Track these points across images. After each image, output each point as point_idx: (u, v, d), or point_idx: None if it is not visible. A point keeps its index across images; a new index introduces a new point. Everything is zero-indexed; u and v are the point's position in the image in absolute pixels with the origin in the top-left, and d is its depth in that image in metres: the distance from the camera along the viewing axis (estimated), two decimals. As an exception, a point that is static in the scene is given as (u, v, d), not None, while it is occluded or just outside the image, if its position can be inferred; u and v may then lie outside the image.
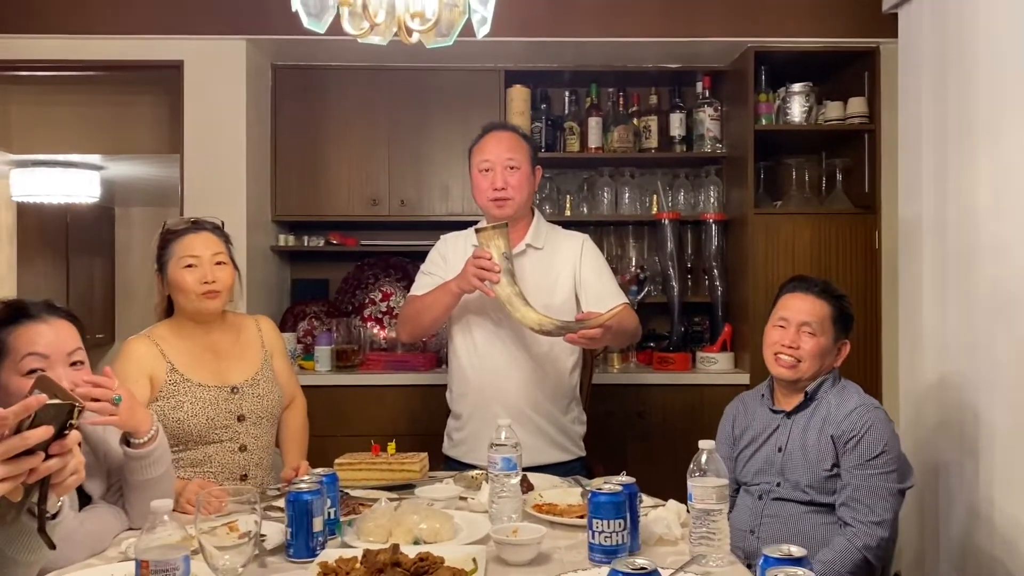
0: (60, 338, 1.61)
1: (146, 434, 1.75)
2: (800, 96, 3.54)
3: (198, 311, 2.14)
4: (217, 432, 2.10)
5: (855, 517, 1.99)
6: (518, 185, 2.37)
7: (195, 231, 2.16)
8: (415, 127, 3.79)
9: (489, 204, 2.38)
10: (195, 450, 2.09)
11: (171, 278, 2.12)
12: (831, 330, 2.14)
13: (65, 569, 1.50)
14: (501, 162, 2.37)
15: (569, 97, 3.90)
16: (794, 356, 2.13)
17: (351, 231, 3.95)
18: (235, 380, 2.16)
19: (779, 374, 2.16)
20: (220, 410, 2.11)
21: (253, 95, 3.59)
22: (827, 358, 2.14)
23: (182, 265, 2.11)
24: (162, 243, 2.16)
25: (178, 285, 2.11)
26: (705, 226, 3.72)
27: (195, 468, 2.09)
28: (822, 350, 2.12)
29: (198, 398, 2.09)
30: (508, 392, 2.38)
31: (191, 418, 2.07)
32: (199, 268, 2.11)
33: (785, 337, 2.14)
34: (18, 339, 1.59)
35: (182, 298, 2.13)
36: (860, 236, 3.45)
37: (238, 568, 1.29)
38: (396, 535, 1.61)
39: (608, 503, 1.50)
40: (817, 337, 2.12)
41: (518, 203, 2.38)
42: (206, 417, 2.08)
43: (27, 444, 1.05)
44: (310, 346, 3.74)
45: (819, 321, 2.13)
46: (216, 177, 3.50)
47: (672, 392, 3.49)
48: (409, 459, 2.12)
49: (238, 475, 2.13)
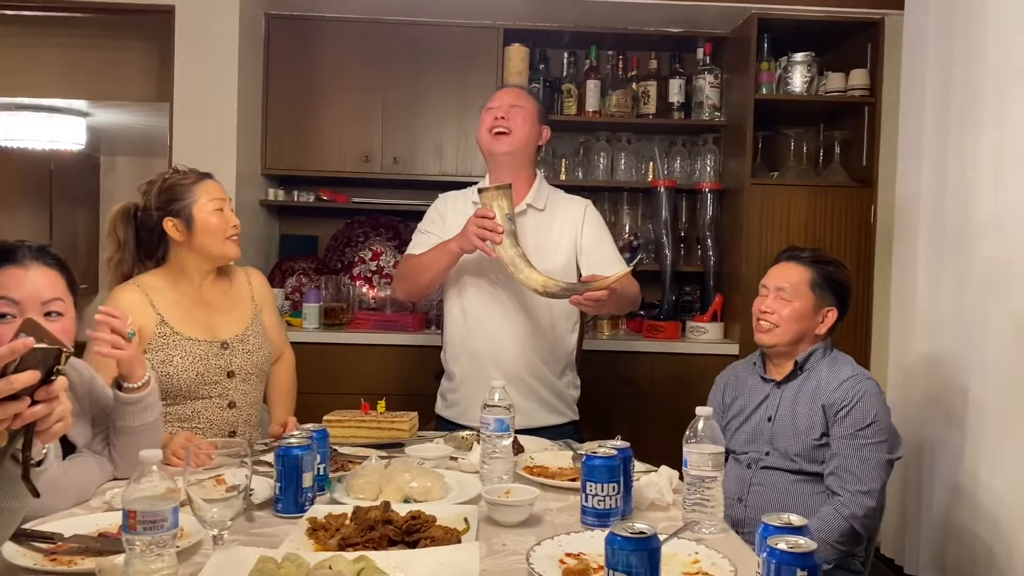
0: (38, 286, 1.55)
1: (140, 379, 1.73)
2: (802, 66, 3.50)
3: (223, 255, 2.12)
4: (206, 388, 2.07)
5: (843, 486, 1.99)
6: (520, 122, 2.35)
7: (209, 178, 2.14)
8: (410, 83, 3.72)
9: (488, 137, 2.36)
10: (183, 405, 2.06)
11: (200, 221, 2.07)
12: (808, 294, 2.13)
13: (48, 517, 1.47)
14: (507, 105, 2.37)
15: (568, 59, 3.84)
16: (770, 321, 2.14)
17: (342, 187, 3.90)
18: (225, 335, 2.12)
19: (758, 340, 2.18)
20: (210, 365, 2.07)
21: (246, 44, 3.51)
22: (805, 323, 2.13)
23: (212, 208, 2.08)
24: (172, 191, 2.09)
25: (208, 228, 2.07)
26: (700, 195, 3.69)
27: (183, 424, 2.06)
28: (797, 315, 2.12)
29: (188, 352, 2.05)
30: (503, 354, 2.36)
31: (180, 373, 2.03)
32: (226, 212, 2.10)
33: (763, 303, 2.16)
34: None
35: (206, 239, 2.08)
36: (856, 210, 3.44)
37: (226, 521, 1.27)
38: (386, 493, 1.59)
39: (602, 466, 1.48)
40: (791, 302, 2.12)
41: (518, 139, 2.35)
42: (196, 372, 2.05)
43: (13, 389, 1.02)
44: (298, 303, 3.70)
45: (793, 286, 2.13)
46: (206, 128, 3.43)
47: (661, 360, 3.49)
48: (399, 418, 2.10)
49: (226, 431, 2.11)
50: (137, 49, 4.27)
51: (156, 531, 1.11)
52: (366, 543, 1.32)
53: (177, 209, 2.08)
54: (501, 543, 1.41)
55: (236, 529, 1.37)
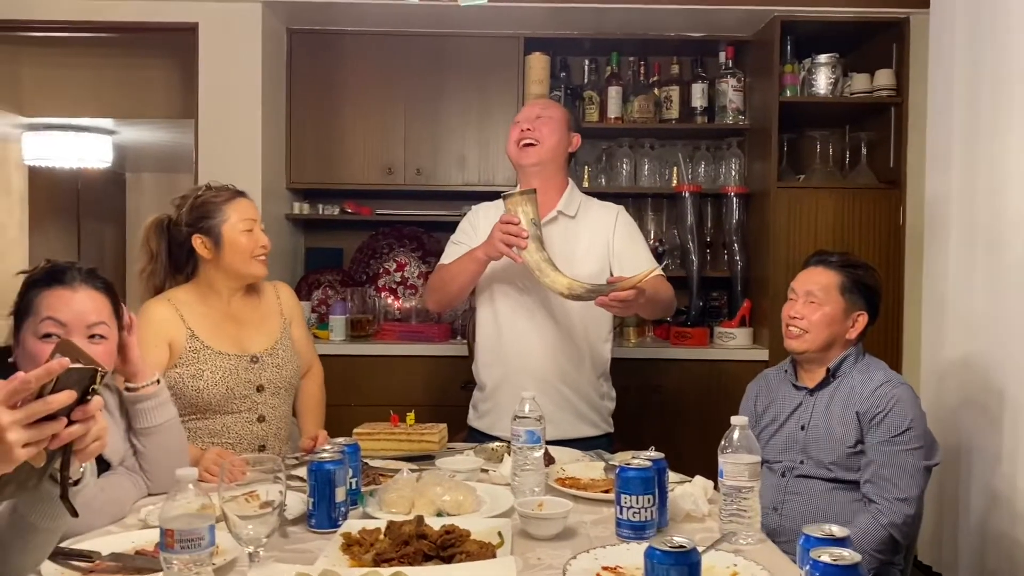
0: (84, 309, 1.58)
1: (145, 380, 1.74)
2: (826, 67, 3.47)
3: (250, 275, 2.13)
4: (236, 402, 2.08)
5: (880, 494, 1.95)
6: (547, 132, 2.34)
7: (243, 197, 2.16)
8: (432, 95, 3.73)
9: (515, 150, 2.36)
10: (213, 419, 2.07)
11: (228, 240, 2.08)
12: (838, 299, 2.10)
13: (85, 536, 1.48)
14: (533, 115, 2.37)
15: (589, 66, 3.84)
16: (800, 327, 2.10)
17: (366, 200, 3.91)
18: (255, 349, 2.13)
19: (788, 346, 2.15)
20: (240, 380, 2.08)
21: (268, 60, 3.54)
22: (836, 327, 2.10)
23: (241, 228, 2.10)
24: (203, 208, 2.11)
25: (237, 248, 2.09)
26: (726, 199, 3.67)
27: (212, 438, 2.07)
28: (827, 319, 2.08)
29: (218, 367, 2.06)
30: (534, 363, 2.34)
31: (211, 387, 2.04)
32: (255, 232, 2.12)
33: (792, 308, 2.13)
34: (43, 301, 1.57)
35: (233, 257, 2.09)
36: (884, 211, 3.40)
37: (262, 538, 1.27)
38: (419, 506, 1.58)
39: (637, 478, 1.47)
40: (822, 307, 2.09)
41: (545, 149, 2.34)
42: (226, 387, 2.06)
43: (50, 409, 1.02)
44: (324, 315, 3.71)
45: (823, 289, 2.10)
46: (231, 143, 3.46)
47: (689, 367, 3.46)
48: (428, 430, 2.10)
49: (256, 446, 2.11)
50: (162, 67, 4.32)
51: (193, 550, 1.11)
52: (401, 558, 1.31)
53: (207, 227, 2.09)
54: (536, 557, 1.40)
55: (271, 545, 1.37)
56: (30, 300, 1.57)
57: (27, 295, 1.58)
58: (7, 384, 0.99)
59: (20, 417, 0.99)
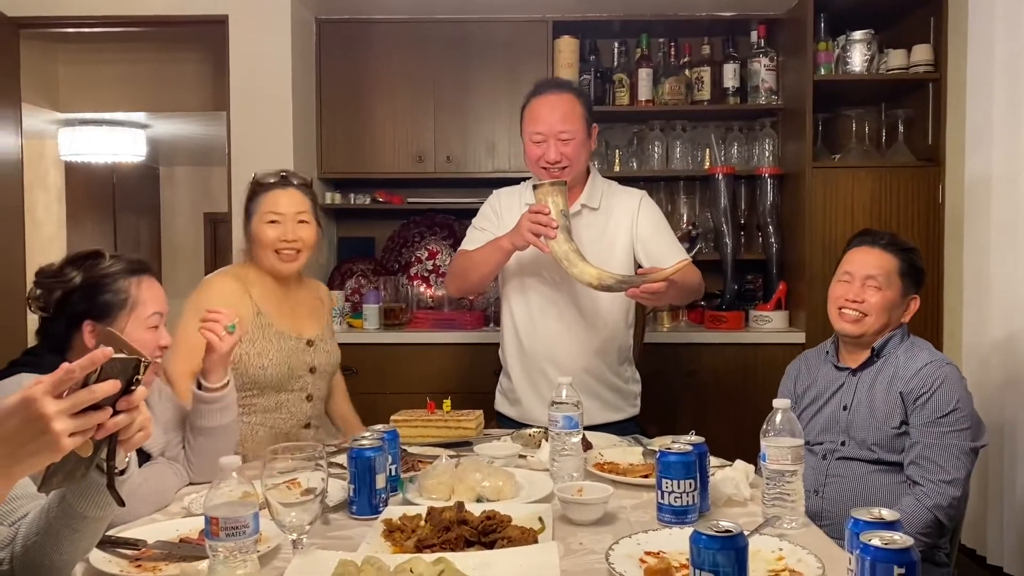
0: (163, 297, 1.71)
1: (220, 380, 1.78)
2: (861, 44, 3.40)
3: (275, 269, 2.16)
4: (292, 381, 2.15)
5: (925, 476, 1.92)
6: (573, 155, 2.26)
7: (282, 186, 2.16)
8: (461, 81, 3.72)
9: (542, 173, 2.28)
10: (270, 397, 2.13)
11: (254, 232, 2.14)
12: (898, 283, 2.06)
13: (130, 524, 1.50)
14: (554, 134, 2.24)
15: (619, 48, 3.80)
16: (859, 310, 2.05)
17: (397, 188, 3.92)
18: (308, 334, 2.20)
19: (843, 329, 2.09)
20: (298, 361, 2.15)
21: (298, 50, 3.55)
22: (894, 312, 2.06)
23: (265, 220, 2.13)
24: (251, 194, 2.17)
25: (259, 240, 2.13)
26: (760, 180, 3.62)
27: (267, 413, 2.13)
28: (888, 304, 2.05)
29: (281, 347, 2.12)
30: (560, 353, 2.34)
31: (274, 366, 2.10)
32: (281, 225, 2.12)
33: (849, 291, 2.07)
34: (144, 293, 1.66)
35: (261, 253, 2.14)
36: (922, 190, 3.33)
37: (305, 525, 1.28)
38: (458, 492, 1.58)
39: (678, 463, 1.45)
40: (883, 291, 2.04)
41: (574, 171, 2.29)
42: (287, 366, 2.12)
43: (95, 398, 1.03)
44: (358, 304, 3.73)
45: (885, 274, 2.05)
46: (263, 134, 3.47)
47: (724, 351, 3.43)
48: (465, 416, 2.10)
49: (304, 423, 2.18)
50: (193, 60, 4.35)
51: (238, 537, 1.12)
52: (443, 544, 1.31)
53: (248, 212, 2.16)
54: (578, 542, 1.40)
55: (313, 532, 1.38)
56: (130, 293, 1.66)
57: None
58: (52, 375, 1.00)
59: (66, 406, 1.00)
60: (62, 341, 1.63)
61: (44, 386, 0.99)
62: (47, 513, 1.20)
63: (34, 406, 0.98)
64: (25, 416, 0.98)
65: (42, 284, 1.64)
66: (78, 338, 1.62)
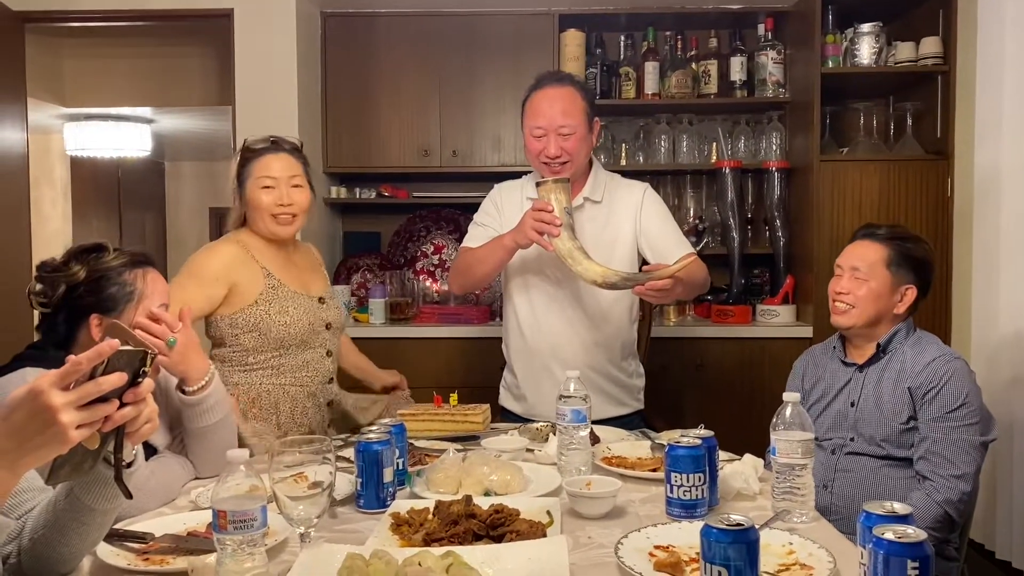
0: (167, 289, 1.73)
1: (198, 381, 1.72)
2: (869, 37, 3.38)
3: (272, 233, 2.16)
4: (313, 338, 2.18)
5: (935, 471, 1.91)
6: (574, 150, 2.23)
7: (274, 151, 2.16)
8: (466, 75, 3.71)
9: (543, 168, 2.26)
10: (295, 355, 2.15)
11: (248, 197, 2.13)
12: (884, 274, 2.04)
13: (138, 517, 1.49)
14: (554, 128, 2.21)
15: (625, 41, 3.78)
16: (846, 302, 2.06)
17: (402, 183, 3.91)
18: (317, 292, 2.23)
19: (834, 322, 2.10)
20: (315, 318, 2.18)
21: (303, 44, 3.54)
22: (882, 302, 2.04)
23: (260, 186, 2.12)
24: (242, 160, 2.16)
25: (254, 205, 2.13)
26: (767, 174, 3.60)
27: (295, 373, 2.15)
28: (873, 295, 2.03)
29: (298, 305, 2.15)
30: (566, 353, 2.32)
31: (295, 323, 2.13)
32: (276, 190, 2.12)
33: (838, 284, 2.09)
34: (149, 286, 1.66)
35: (257, 218, 2.14)
36: (931, 183, 3.31)
37: (312, 519, 1.27)
38: (466, 486, 1.58)
39: (687, 456, 1.44)
40: (868, 282, 2.03)
41: (575, 166, 2.26)
42: (307, 323, 2.15)
43: (102, 390, 1.02)
44: (364, 299, 3.73)
45: (868, 265, 2.04)
46: (268, 129, 3.34)
47: (731, 345, 3.42)
48: (472, 410, 2.09)
49: (327, 379, 2.22)
50: (198, 54, 4.35)
51: (246, 530, 1.11)
52: (451, 538, 1.31)
53: (241, 178, 2.15)
54: (587, 536, 1.39)
55: (320, 526, 1.37)
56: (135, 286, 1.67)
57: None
58: (59, 368, 1.00)
59: (73, 398, 0.99)
60: (66, 336, 1.62)
61: (51, 378, 0.99)
62: (54, 506, 1.20)
63: (41, 398, 0.98)
64: (32, 408, 0.98)
65: (45, 279, 1.62)
66: (83, 332, 1.61)
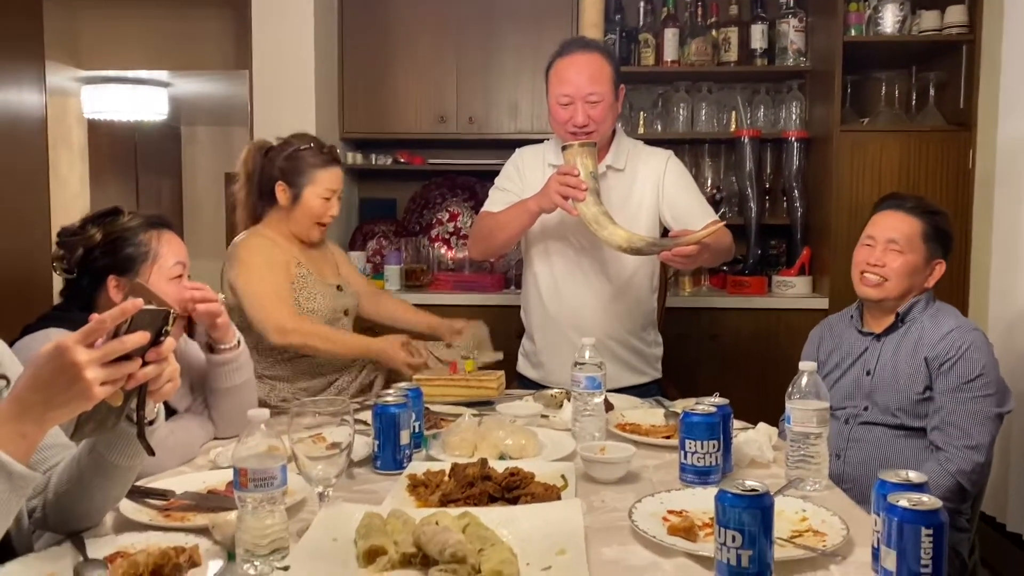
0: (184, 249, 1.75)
1: (232, 340, 1.79)
2: (893, 5, 3.32)
3: (308, 236, 2.27)
4: (335, 323, 2.28)
5: (948, 441, 1.91)
6: (601, 118, 2.21)
7: (335, 166, 2.26)
8: (484, 41, 3.68)
9: (569, 137, 2.22)
10: None
11: (305, 202, 2.22)
12: (921, 247, 2.03)
13: (159, 475, 1.52)
14: (582, 96, 2.18)
15: (644, 7, 3.74)
16: (880, 275, 2.03)
17: (418, 149, 3.90)
18: (334, 281, 2.33)
19: (864, 293, 2.07)
20: (337, 304, 2.29)
21: (320, 9, 3.52)
22: (916, 277, 2.04)
23: (322, 196, 2.23)
24: (298, 163, 2.21)
25: (309, 210, 2.22)
26: (786, 144, 3.57)
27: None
28: (910, 268, 2.02)
29: (324, 292, 2.25)
30: (584, 319, 2.31)
31: (324, 309, 2.24)
32: (331, 201, 2.24)
33: (871, 255, 2.05)
34: (164, 246, 1.69)
35: (301, 219, 2.23)
36: (952, 155, 3.27)
37: (331, 478, 1.29)
38: (481, 449, 1.59)
39: (702, 423, 1.45)
40: (904, 255, 2.02)
41: (601, 134, 2.24)
42: (332, 308, 2.26)
43: (125, 348, 1.04)
44: (379, 265, 3.74)
45: (906, 238, 2.02)
46: (285, 94, 3.46)
47: (746, 316, 3.42)
48: (487, 376, 2.10)
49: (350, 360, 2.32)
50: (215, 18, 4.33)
51: (267, 488, 1.13)
52: (467, 499, 1.32)
53: (293, 181, 2.21)
54: (600, 500, 1.40)
55: (338, 486, 1.39)
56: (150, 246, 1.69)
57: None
58: (84, 326, 1.02)
59: (97, 356, 1.01)
60: (88, 298, 1.65)
61: (76, 336, 1.01)
62: (78, 462, 1.22)
63: (67, 354, 0.99)
64: (59, 365, 1.00)
65: (64, 243, 1.67)
66: (103, 294, 1.64)
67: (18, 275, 3.30)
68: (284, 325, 2.11)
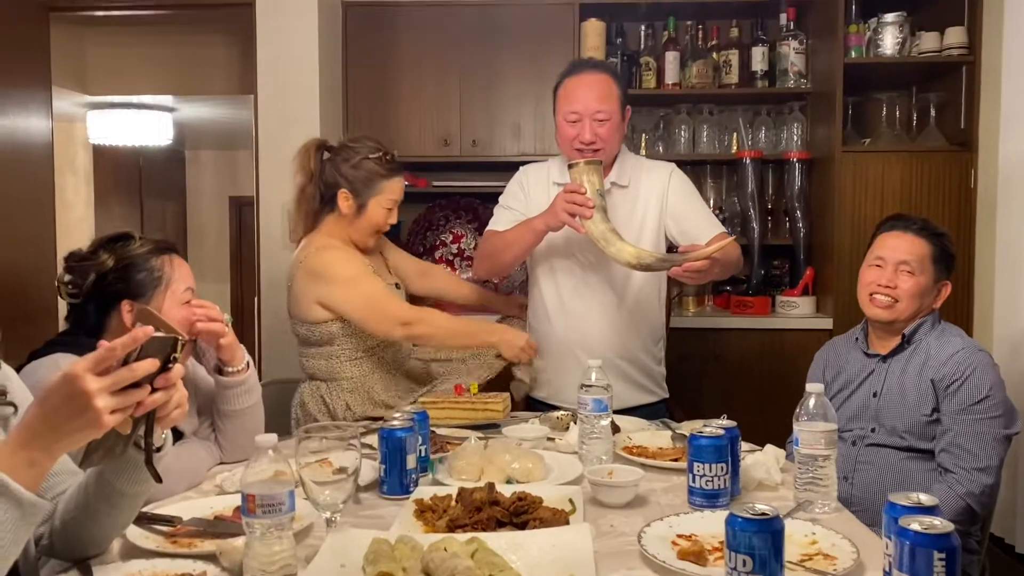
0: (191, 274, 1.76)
1: (241, 362, 1.79)
2: (893, 27, 3.35)
3: (366, 244, 2.29)
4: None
5: (957, 463, 1.90)
6: (608, 137, 2.23)
7: (400, 174, 2.30)
8: (486, 65, 3.71)
9: (575, 154, 2.24)
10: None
11: (370, 211, 2.24)
12: (930, 269, 2.03)
13: (165, 501, 1.52)
14: (590, 114, 2.20)
15: (645, 31, 3.77)
16: (891, 296, 2.03)
17: (422, 172, 3.91)
18: (391, 280, 2.38)
19: (874, 315, 2.07)
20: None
21: (325, 33, 3.55)
22: (926, 299, 2.04)
23: (387, 206, 2.25)
24: (364, 171, 2.23)
25: (374, 219, 2.26)
26: (788, 165, 3.58)
27: (386, 349, 2.31)
28: (921, 290, 2.02)
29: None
30: (592, 338, 2.31)
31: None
32: (393, 212, 2.27)
33: (882, 277, 2.05)
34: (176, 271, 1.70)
35: (365, 227, 2.26)
36: (954, 175, 3.28)
37: (338, 504, 1.28)
38: (488, 473, 1.59)
39: (710, 446, 1.45)
40: (916, 276, 2.02)
41: (607, 153, 2.26)
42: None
43: (135, 376, 1.04)
44: (383, 287, 3.74)
45: (918, 260, 2.03)
46: (289, 118, 3.47)
47: (750, 336, 3.41)
48: (492, 399, 2.10)
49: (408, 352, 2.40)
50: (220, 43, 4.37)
51: (274, 514, 1.12)
52: (474, 524, 1.32)
53: (359, 190, 2.23)
54: (609, 524, 1.40)
55: (345, 511, 1.39)
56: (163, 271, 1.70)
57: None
58: (94, 354, 1.02)
59: (107, 384, 1.01)
60: (96, 324, 1.65)
61: (86, 364, 1.01)
62: (85, 489, 1.22)
63: (77, 383, 0.99)
64: (68, 393, 1.00)
65: (74, 268, 1.66)
66: (114, 318, 1.64)
67: (24, 298, 3.31)
68: (405, 317, 2.19)
